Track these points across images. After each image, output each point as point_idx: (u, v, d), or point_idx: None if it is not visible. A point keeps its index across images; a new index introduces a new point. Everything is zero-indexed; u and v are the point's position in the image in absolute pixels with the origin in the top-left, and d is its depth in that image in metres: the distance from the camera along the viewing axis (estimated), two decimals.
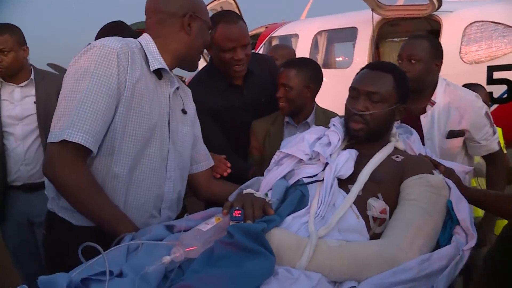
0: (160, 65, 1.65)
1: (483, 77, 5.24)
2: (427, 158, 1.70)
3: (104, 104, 1.47)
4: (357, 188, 1.52)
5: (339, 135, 1.76)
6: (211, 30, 1.78)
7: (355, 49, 6.69)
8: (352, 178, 1.56)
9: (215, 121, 2.37)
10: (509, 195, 1.73)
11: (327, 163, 1.62)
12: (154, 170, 1.64)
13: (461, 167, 1.81)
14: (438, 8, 5.61)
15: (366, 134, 1.71)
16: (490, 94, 3.13)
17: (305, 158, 1.71)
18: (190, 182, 1.91)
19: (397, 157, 1.65)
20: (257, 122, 2.46)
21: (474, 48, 5.41)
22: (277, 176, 1.71)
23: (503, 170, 2.60)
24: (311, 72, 2.36)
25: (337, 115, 2.18)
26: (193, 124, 1.89)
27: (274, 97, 2.39)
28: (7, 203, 2.90)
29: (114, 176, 1.55)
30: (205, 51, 2.30)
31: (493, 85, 5.21)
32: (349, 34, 6.96)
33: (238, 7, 6.80)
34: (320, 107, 2.47)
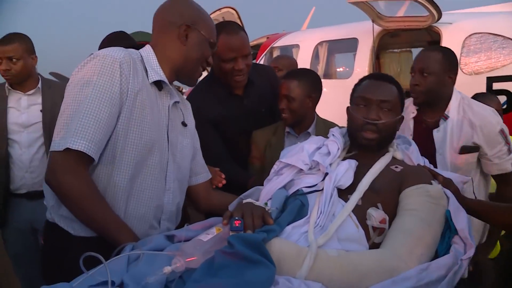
0: (158, 77, 1.66)
1: (483, 88, 5.25)
2: (426, 168, 1.71)
3: (106, 112, 1.49)
4: (356, 196, 1.52)
5: (338, 145, 1.76)
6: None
7: (356, 59, 6.69)
8: (351, 188, 1.56)
9: (215, 130, 2.38)
10: (507, 206, 1.73)
11: (327, 173, 1.62)
12: (155, 180, 1.65)
13: (459, 177, 1.81)
14: (438, 19, 5.65)
15: (377, 143, 1.72)
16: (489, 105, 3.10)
17: (304, 168, 1.71)
18: (189, 194, 1.91)
19: (396, 167, 1.66)
20: (258, 132, 2.48)
21: (473, 59, 5.41)
22: (276, 185, 1.71)
23: None
24: (312, 82, 2.38)
25: (337, 126, 2.19)
26: (193, 136, 1.89)
27: (274, 106, 2.40)
28: (10, 210, 2.91)
29: (114, 185, 1.55)
30: None
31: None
32: (349, 45, 6.96)
33: (239, 18, 6.81)
34: (320, 118, 2.49)
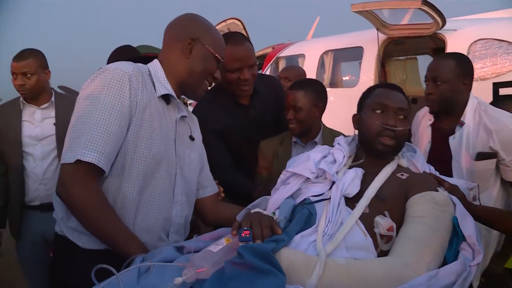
0: (166, 91, 1.68)
1: (489, 93, 5.23)
2: (431, 175, 1.71)
3: (116, 125, 1.51)
4: (363, 203, 1.53)
5: (344, 153, 1.78)
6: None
7: (361, 68, 6.71)
8: (358, 196, 1.57)
9: (221, 140, 2.40)
10: None
11: (334, 182, 1.63)
12: (163, 193, 1.66)
13: (465, 184, 1.81)
14: (442, 26, 5.66)
15: (393, 150, 1.73)
16: None
17: (311, 177, 1.73)
18: (196, 206, 1.91)
19: (402, 174, 1.67)
20: (265, 142, 2.49)
21: (479, 65, 5.39)
22: (284, 195, 1.72)
23: None
24: (318, 91, 2.41)
25: (343, 135, 2.20)
26: (200, 150, 1.91)
27: (280, 117, 2.42)
28: (24, 223, 2.97)
29: (124, 196, 1.57)
30: None
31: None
32: (355, 54, 6.98)
33: (245, 28, 6.83)
34: (327, 127, 2.51)
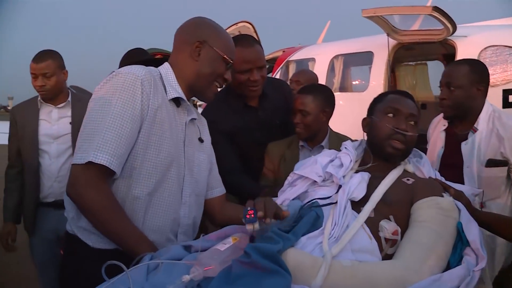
0: (177, 94, 1.70)
1: (499, 100, 5.21)
2: (437, 181, 1.73)
3: (128, 128, 1.53)
4: (368, 207, 1.55)
5: (351, 157, 1.80)
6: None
7: (371, 73, 6.70)
8: (364, 200, 1.59)
9: (229, 141, 2.42)
10: None
11: (340, 186, 1.65)
12: (172, 194, 1.68)
13: (470, 190, 1.83)
14: (453, 33, 5.64)
15: (403, 154, 1.75)
16: None
17: (318, 180, 1.75)
18: (204, 207, 1.93)
19: (407, 179, 1.68)
20: (272, 145, 2.52)
21: (489, 72, 5.35)
22: (290, 196, 1.75)
23: None
24: (326, 96, 2.43)
25: (349, 139, 2.22)
26: (209, 151, 1.93)
27: (288, 120, 2.44)
28: (37, 219, 3.04)
29: (133, 198, 1.59)
30: None
31: (509, 108, 5.16)
32: (365, 58, 6.97)
33: (255, 31, 6.85)
34: (333, 131, 2.52)
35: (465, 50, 5.59)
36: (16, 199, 3.09)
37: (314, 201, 1.65)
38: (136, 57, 2.64)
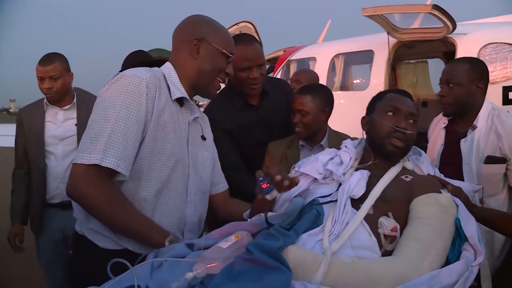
0: (181, 94, 1.72)
1: (499, 97, 5.24)
2: (436, 177, 1.75)
3: (134, 130, 1.55)
4: (367, 204, 1.57)
5: (351, 155, 1.82)
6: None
7: (372, 71, 6.74)
8: (364, 198, 1.60)
9: (230, 139, 2.45)
10: None
11: (340, 184, 1.67)
12: (178, 194, 1.70)
13: (469, 186, 1.84)
14: (453, 30, 5.67)
15: (402, 152, 1.77)
16: None
17: (319, 178, 1.77)
18: (209, 203, 1.95)
19: (406, 177, 1.70)
20: (273, 144, 2.53)
21: (489, 69, 5.31)
22: (292, 193, 1.75)
23: None
24: (325, 96, 2.45)
25: (349, 137, 2.24)
26: (212, 149, 1.95)
27: (289, 120, 2.46)
28: (44, 220, 3.07)
29: (141, 199, 1.61)
30: None
31: (508, 105, 5.19)
32: (365, 57, 7.01)
33: (256, 31, 6.87)
34: (332, 130, 2.54)
35: (465, 48, 5.62)
36: (23, 200, 3.13)
37: (315, 199, 1.66)
38: (137, 59, 2.67)
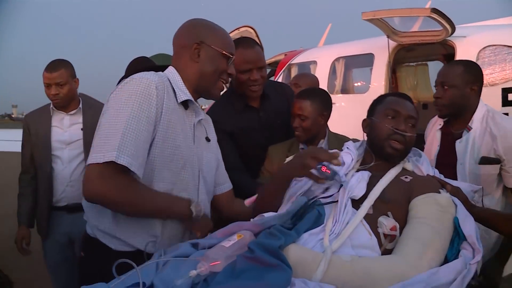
0: (186, 96, 1.74)
1: (498, 99, 5.28)
2: (435, 178, 1.77)
3: (145, 131, 1.57)
4: (367, 204, 1.59)
5: (352, 156, 1.84)
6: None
7: (372, 74, 6.76)
8: (364, 198, 1.63)
9: (231, 140, 2.48)
10: None
11: (341, 185, 1.69)
12: (188, 194, 1.73)
13: (469, 187, 1.86)
14: (452, 33, 5.70)
15: (401, 154, 1.79)
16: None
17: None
18: (212, 203, 1.97)
19: (405, 177, 1.73)
20: (273, 147, 2.56)
21: (488, 71, 5.43)
22: (296, 191, 1.77)
23: None
24: (323, 100, 2.48)
25: (348, 139, 2.27)
26: (216, 150, 1.98)
27: (290, 123, 2.50)
28: (51, 223, 3.11)
29: None
30: None
31: (508, 106, 5.23)
32: (366, 60, 7.03)
33: (257, 36, 6.90)
34: (332, 132, 2.56)
35: (464, 50, 5.65)
36: (30, 204, 3.17)
37: (317, 199, 1.69)
38: (141, 65, 2.74)
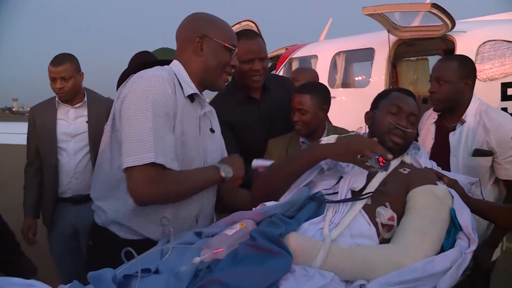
0: (192, 90, 1.76)
1: (497, 93, 5.32)
2: (432, 170, 1.81)
3: (170, 128, 1.62)
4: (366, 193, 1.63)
5: None
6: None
7: (373, 69, 6.80)
8: (364, 190, 1.66)
9: (232, 132, 2.51)
10: (511, 207, 1.82)
11: (341, 177, 1.73)
12: None
13: (467, 179, 1.90)
14: (452, 28, 5.73)
15: (401, 149, 1.82)
16: (504, 110, 3.16)
17: (325, 167, 1.83)
18: (217, 192, 2.00)
19: (404, 169, 1.76)
20: (273, 141, 2.58)
21: (488, 66, 5.48)
22: (300, 182, 1.81)
23: None
24: (323, 94, 2.51)
25: (348, 132, 2.30)
26: (220, 141, 2.01)
27: (290, 116, 2.53)
28: (56, 214, 3.16)
29: None
30: None
31: (507, 101, 5.28)
32: (366, 55, 7.07)
33: (258, 30, 6.93)
34: (331, 125, 2.59)
35: (464, 45, 5.68)
36: (35, 196, 3.21)
37: (319, 191, 1.71)
38: (143, 59, 2.77)
